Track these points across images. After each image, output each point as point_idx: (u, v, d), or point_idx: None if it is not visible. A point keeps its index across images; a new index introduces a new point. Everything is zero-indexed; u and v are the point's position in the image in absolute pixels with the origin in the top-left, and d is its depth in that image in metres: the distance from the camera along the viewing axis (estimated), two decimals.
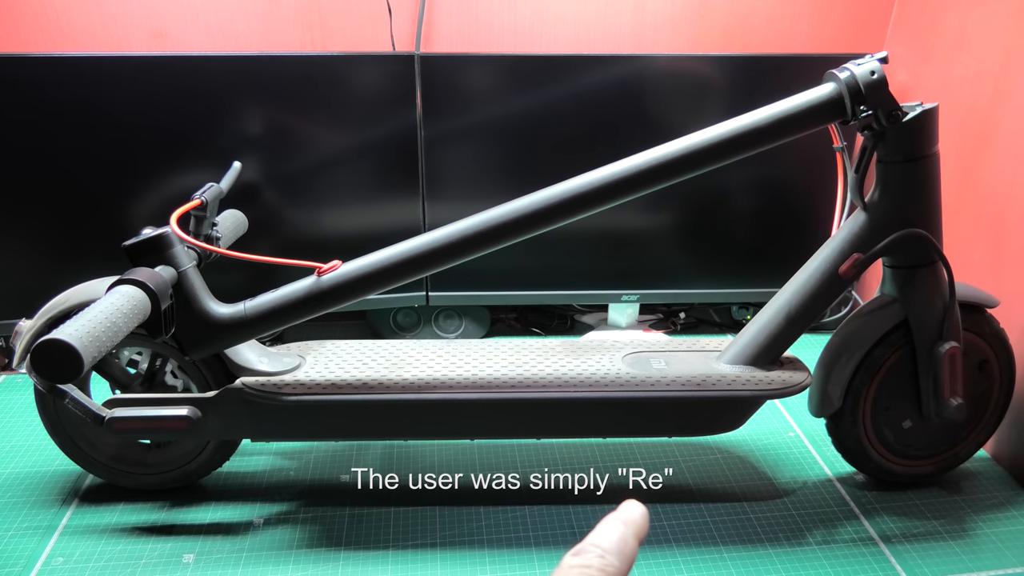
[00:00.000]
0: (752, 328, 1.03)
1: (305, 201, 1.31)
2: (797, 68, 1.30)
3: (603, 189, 0.89)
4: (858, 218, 0.96)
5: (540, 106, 1.30)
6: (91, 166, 1.24)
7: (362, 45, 1.41)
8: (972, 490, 1.09)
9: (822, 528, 1.02)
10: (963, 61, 1.25)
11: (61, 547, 0.97)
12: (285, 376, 0.99)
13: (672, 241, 1.41)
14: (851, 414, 1.03)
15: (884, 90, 0.87)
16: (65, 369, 0.71)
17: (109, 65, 1.18)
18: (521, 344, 1.09)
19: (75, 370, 0.71)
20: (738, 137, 0.89)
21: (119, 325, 0.76)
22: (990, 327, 1.03)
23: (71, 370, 0.71)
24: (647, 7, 1.43)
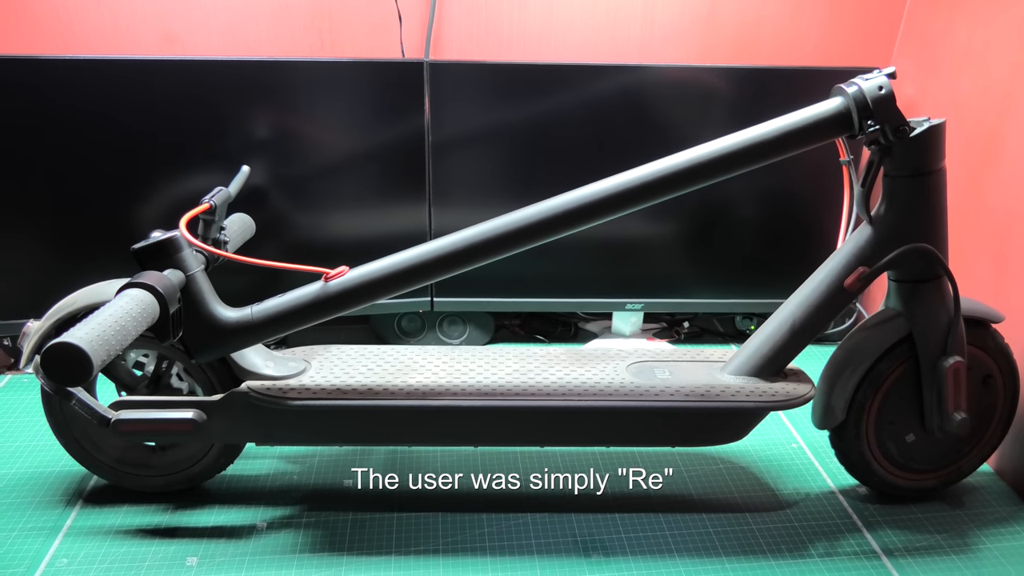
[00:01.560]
0: (756, 339, 1.04)
1: (312, 206, 1.32)
2: (805, 81, 1.31)
3: (610, 200, 0.90)
4: (864, 232, 0.96)
5: (548, 114, 1.30)
6: (101, 168, 1.24)
7: (371, 52, 1.42)
8: (975, 504, 1.09)
9: (824, 540, 1.02)
10: (970, 76, 1.25)
11: (65, 548, 0.97)
12: (290, 380, 1.00)
13: (677, 250, 1.41)
14: (855, 427, 1.03)
15: (892, 105, 0.88)
16: (75, 372, 0.72)
17: (120, 68, 1.19)
18: (525, 352, 1.10)
19: (85, 373, 0.72)
20: (746, 150, 0.90)
21: (128, 329, 0.77)
22: (994, 342, 1.03)
23: (81, 373, 0.72)
24: (656, 18, 1.43)
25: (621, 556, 0.98)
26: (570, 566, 0.96)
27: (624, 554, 0.98)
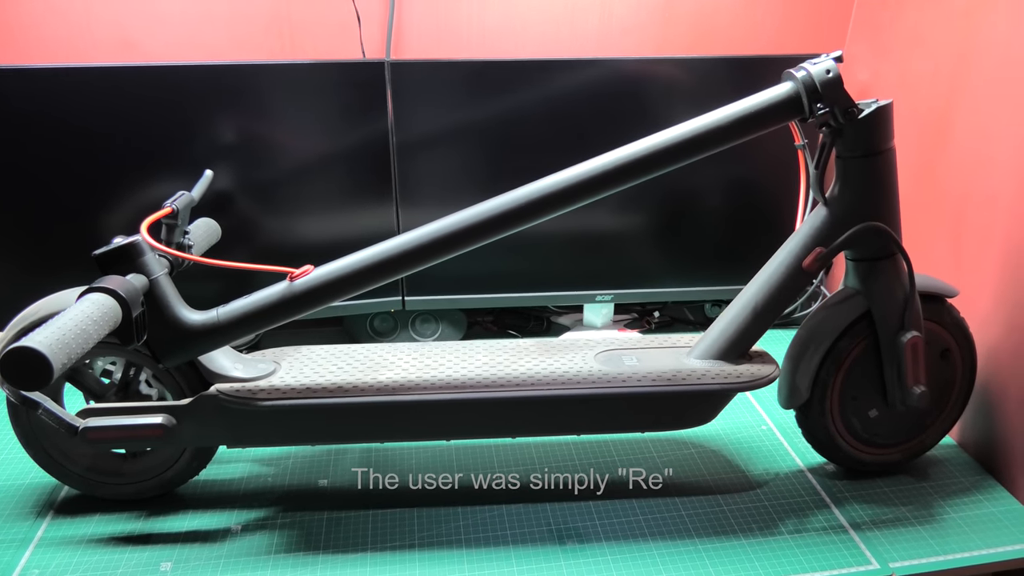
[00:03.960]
0: (720, 323, 1.05)
1: (279, 209, 1.32)
2: (762, 68, 1.33)
3: (571, 189, 0.91)
4: (819, 213, 0.99)
5: (510, 110, 1.31)
6: (61, 177, 1.23)
7: (332, 53, 1.42)
8: (939, 476, 1.12)
9: (794, 518, 1.04)
10: (920, 59, 1.28)
11: (37, 559, 0.97)
12: (260, 382, 1.00)
13: (645, 241, 1.43)
14: (819, 405, 1.05)
15: (839, 87, 0.90)
16: (35, 376, 0.72)
17: (77, 76, 1.18)
18: (495, 345, 1.10)
19: (45, 377, 0.72)
20: (702, 135, 0.91)
21: (89, 332, 0.77)
22: (951, 316, 1.06)
23: (41, 377, 0.72)
24: (613, 11, 1.45)
25: (595, 542, 0.99)
26: (545, 554, 0.97)
27: (599, 540, 1.00)
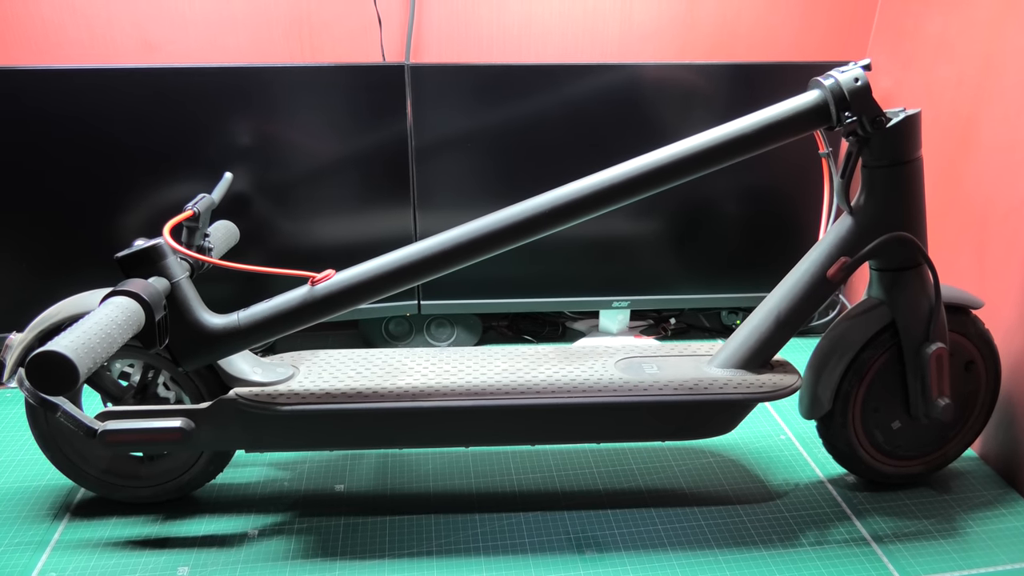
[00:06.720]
0: (742, 332, 1.04)
1: (296, 211, 1.31)
2: (782, 75, 1.32)
3: (592, 197, 0.90)
4: (844, 222, 0.98)
5: (529, 115, 1.31)
6: (81, 178, 1.23)
7: (352, 56, 1.42)
8: (961, 489, 1.11)
9: (814, 529, 1.03)
10: (944, 67, 1.27)
11: (54, 562, 0.96)
12: (279, 386, 0.99)
13: (662, 247, 1.42)
14: (841, 416, 1.04)
15: (868, 96, 0.89)
16: (60, 381, 0.71)
17: (99, 77, 1.18)
18: (514, 351, 1.10)
19: (70, 382, 0.71)
20: (726, 144, 0.91)
21: (113, 336, 0.76)
22: (975, 328, 1.05)
23: (66, 382, 0.71)
24: (633, 17, 1.44)
25: (615, 551, 0.98)
26: (564, 563, 0.97)
27: (617, 549, 0.99)
